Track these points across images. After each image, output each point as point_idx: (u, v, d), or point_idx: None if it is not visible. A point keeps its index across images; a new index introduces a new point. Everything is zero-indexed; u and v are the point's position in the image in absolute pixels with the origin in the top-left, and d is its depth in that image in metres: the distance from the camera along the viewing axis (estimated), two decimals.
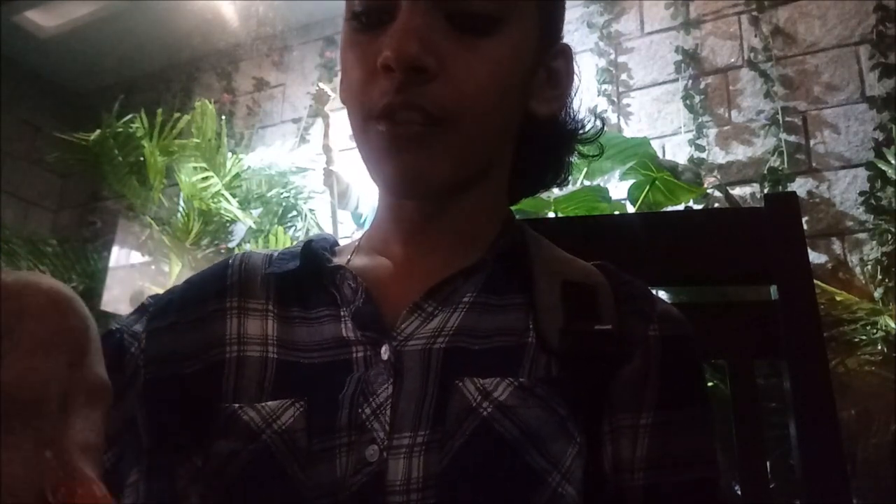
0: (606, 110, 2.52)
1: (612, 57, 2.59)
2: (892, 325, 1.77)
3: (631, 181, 2.01)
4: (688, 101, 2.39)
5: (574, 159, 0.66)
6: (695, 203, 2.15)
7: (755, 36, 2.36)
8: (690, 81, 2.42)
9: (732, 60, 2.40)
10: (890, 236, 1.97)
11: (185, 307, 0.57)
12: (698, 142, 2.33)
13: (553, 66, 0.58)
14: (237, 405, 0.51)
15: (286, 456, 0.48)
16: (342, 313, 0.54)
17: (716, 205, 2.20)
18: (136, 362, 0.54)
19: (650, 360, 0.52)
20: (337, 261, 0.58)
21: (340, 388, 0.49)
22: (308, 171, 2.67)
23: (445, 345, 0.50)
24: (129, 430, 0.53)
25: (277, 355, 0.53)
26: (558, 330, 0.51)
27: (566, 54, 0.59)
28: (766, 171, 2.20)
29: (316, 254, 0.57)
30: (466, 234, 0.57)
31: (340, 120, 2.58)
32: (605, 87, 2.55)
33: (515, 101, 0.54)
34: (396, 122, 0.49)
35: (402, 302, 0.53)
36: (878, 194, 2.04)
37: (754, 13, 2.38)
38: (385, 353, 0.50)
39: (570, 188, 2.00)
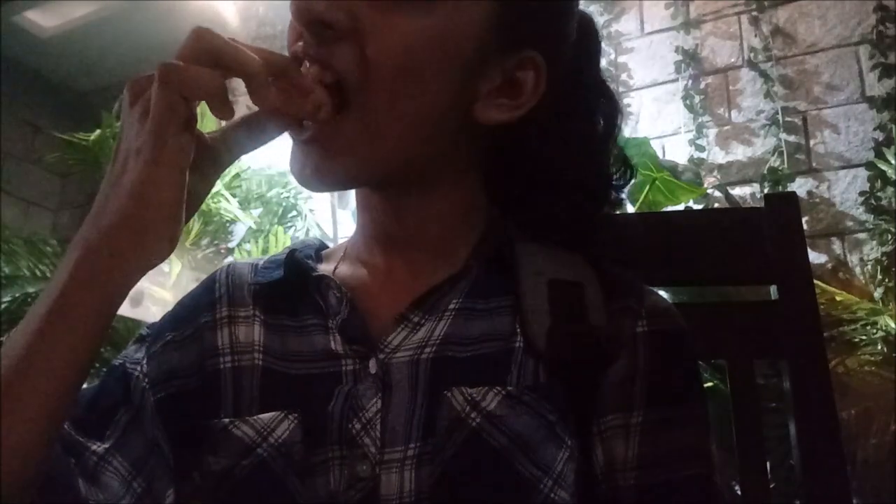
0: None
1: (612, 57, 2.59)
2: (892, 325, 1.77)
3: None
4: (688, 101, 2.38)
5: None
6: (695, 203, 2.15)
7: (755, 36, 2.36)
8: (690, 81, 2.41)
9: (732, 60, 2.40)
10: (890, 236, 1.97)
11: (179, 325, 0.58)
12: (698, 142, 2.33)
13: (517, 75, 0.51)
14: (227, 420, 0.51)
15: (284, 469, 0.48)
16: (329, 324, 0.54)
17: (716, 205, 2.20)
18: (142, 386, 0.55)
19: (639, 358, 0.51)
20: (323, 268, 0.58)
21: (329, 401, 0.49)
22: None
23: (433, 355, 0.50)
24: (153, 453, 0.54)
25: (263, 362, 0.53)
26: (545, 332, 0.50)
27: (536, 67, 0.52)
28: (766, 171, 2.19)
29: (299, 263, 0.57)
30: (444, 238, 0.56)
31: None
32: None
33: (444, 89, 0.49)
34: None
35: (389, 311, 0.52)
36: (878, 194, 2.04)
37: (754, 13, 2.38)
38: (373, 366, 0.50)
39: None
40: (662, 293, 0.58)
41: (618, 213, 0.67)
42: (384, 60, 0.46)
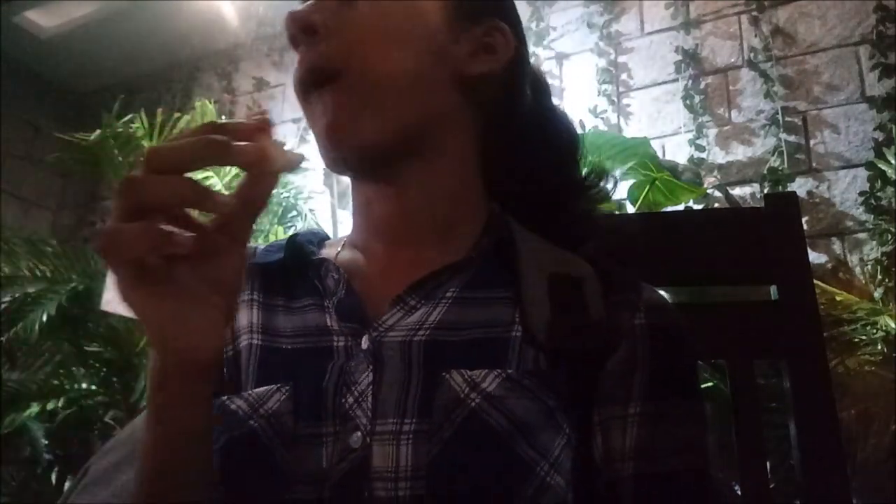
0: (606, 110, 2.52)
1: (612, 57, 2.59)
2: (892, 325, 1.76)
3: (631, 181, 2.01)
4: (688, 101, 2.38)
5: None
6: (695, 203, 2.15)
7: (755, 36, 2.36)
8: (690, 81, 2.41)
9: (732, 60, 2.40)
10: (890, 236, 1.97)
11: None
12: (698, 142, 2.33)
13: (486, 40, 0.59)
14: (224, 397, 0.52)
15: (272, 439, 0.49)
16: (326, 304, 0.55)
17: (716, 205, 2.20)
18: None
19: (637, 350, 0.52)
20: (324, 253, 0.60)
21: (323, 375, 0.50)
22: (308, 171, 2.67)
23: (426, 337, 0.51)
24: None
25: (261, 341, 0.55)
26: (545, 323, 0.51)
27: (501, 30, 0.60)
28: (766, 171, 2.20)
29: (300, 247, 0.59)
30: (445, 227, 0.57)
31: None
32: (605, 87, 2.55)
33: (426, 60, 0.55)
34: (310, 94, 0.55)
35: (386, 295, 0.54)
36: (878, 194, 2.04)
37: (754, 13, 2.38)
38: (364, 343, 0.51)
39: None
40: (662, 293, 0.59)
41: (618, 213, 0.69)
42: (356, 39, 0.53)
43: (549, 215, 0.63)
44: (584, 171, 0.67)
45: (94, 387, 2.33)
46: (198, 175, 2.25)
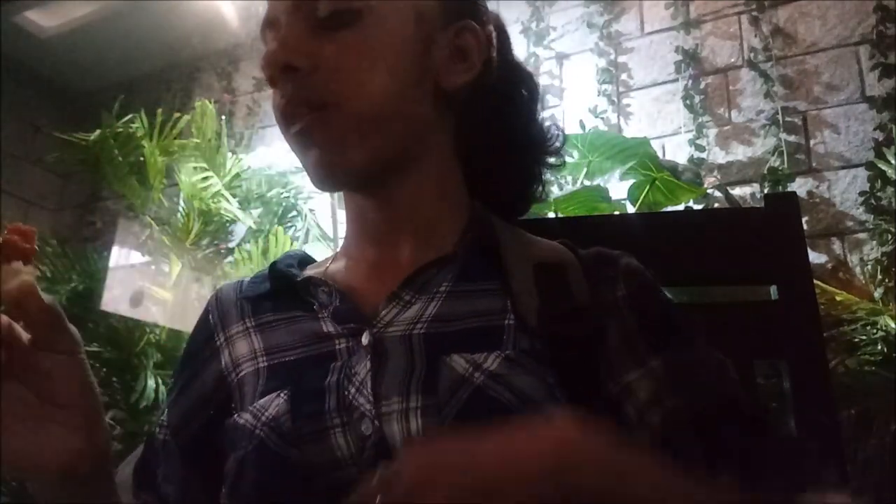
0: (606, 110, 2.52)
1: (612, 57, 2.59)
2: (892, 325, 1.76)
3: (631, 181, 2.01)
4: (688, 101, 2.38)
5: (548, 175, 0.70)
6: (695, 203, 2.15)
7: (755, 36, 2.36)
8: (690, 81, 2.41)
9: (732, 60, 2.40)
10: (890, 236, 1.97)
11: (185, 367, 0.63)
12: (698, 142, 2.33)
13: (458, 43, 0.60)
14: (235, 414, 0.54)
15: (277, 442, 0.50)
16: (322, 315, 0.57)
17: (716, 205, 2.20)
18: (166, 440, 0.60)
19: (627, 319, 0.55)
20: (310, 271, 0.62)
21: (326, 375, 0.52)
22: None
23: (424, 330, 0.53)
24: (189, 489, 0.59)
25: (268, 362, 0.57)
26: (536, 310, 0.53)
27: (472, 30, 0.61)
28: (766, 171, 2.19)
29: (283, 273, 0.61)
30: (429, 227, 0.59)
31: None
32: (605, 87, 2.54)
33: (406, 79, 0.56)
34: (294, 125, 0.54)
35: (380, 295, 0.56)
36: (878, 194, 2.04)
37: (754, 13, 2.38)
38: (365, 338, 0.53)
39: (569, 188, 1.99)
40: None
41: (617, 213, 0.72)
42: (344, 73, 0.53)
43: (521, 193, 0.67)
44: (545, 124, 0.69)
45: None
46: (198, 175, 2.23)
